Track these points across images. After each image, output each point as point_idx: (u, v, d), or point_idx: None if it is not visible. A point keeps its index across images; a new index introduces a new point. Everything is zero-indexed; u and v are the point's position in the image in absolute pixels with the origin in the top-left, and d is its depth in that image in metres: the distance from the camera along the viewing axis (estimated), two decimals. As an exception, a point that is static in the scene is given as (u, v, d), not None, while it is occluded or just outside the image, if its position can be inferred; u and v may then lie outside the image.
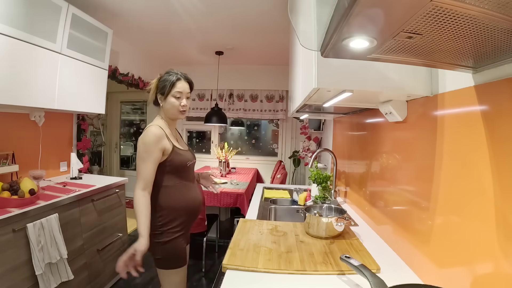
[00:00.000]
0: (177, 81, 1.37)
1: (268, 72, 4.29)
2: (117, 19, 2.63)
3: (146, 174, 1.28)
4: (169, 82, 1.37)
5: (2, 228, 1.39)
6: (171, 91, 1.36)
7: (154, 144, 1.28)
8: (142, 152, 1.29)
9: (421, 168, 1.03)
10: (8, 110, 1.99)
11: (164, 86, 1.37)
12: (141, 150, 1.29)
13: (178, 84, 1.38)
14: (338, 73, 0.97)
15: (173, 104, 1.38)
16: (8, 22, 1.59)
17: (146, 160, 1.28)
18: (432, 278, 0.92)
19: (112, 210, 2.27)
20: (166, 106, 1.39)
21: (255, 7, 2.33)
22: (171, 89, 1.36)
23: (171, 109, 1.39)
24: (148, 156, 1.28)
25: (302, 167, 4.23)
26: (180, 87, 1.38)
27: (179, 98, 1.38)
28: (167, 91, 1.36)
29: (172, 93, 1.37)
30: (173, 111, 1.39)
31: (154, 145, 1.29)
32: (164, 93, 1.37)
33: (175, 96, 1.37)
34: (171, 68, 1.46)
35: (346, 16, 0.46)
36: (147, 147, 1.28)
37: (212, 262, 2.87)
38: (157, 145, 1.29)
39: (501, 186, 0.66)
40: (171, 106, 1.38)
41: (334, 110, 2.03)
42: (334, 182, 2.06)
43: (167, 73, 1.41)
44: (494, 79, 0.69)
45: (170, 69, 1.43)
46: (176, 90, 1.37)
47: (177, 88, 1.37)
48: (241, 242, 1.22)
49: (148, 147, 1.28)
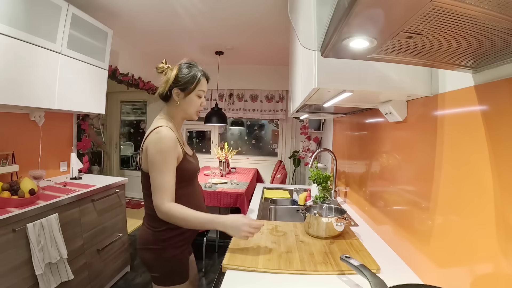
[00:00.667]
0: (202, 78, 1.21)
1: (268, 72, 4.29)
2: (117, 19, 2.63)
3: (169, 186, 1.08)
4: (195, 78, 1.18)
5: (2, 228, 1.39)
6: (196, 88, 1.19)
7: (172, 152, 1.10)
8: (159, 163, 1.08)
9: (421, 168, 1.03)
10: (8, 110, 1.99)
11: (187, 81, 1.17)
12: (158, 160, 1.08)
13: (203, 81, 1.22)
14: (338, 73, 0.97)
15: (195, 103, 1.21)
16: (8, 22, 1.59)
17: (165, 172, 1.08)
18: (432, 278, 0.92)
19: (112, 210, 2.27)
20: (185, 105, 1.20)
21: (255, 7, 2.33)
22: (196, 86, 1.19)
23: (189, 109, 1.22)
24: (167, 166, 1.09)
25: (302, 167, 4.23)
26: (205, 85, 1.23)
27: (201, 98, 1.23)
28: (192, 88, 1.18)
29: (196, 91, 1.19)
30: (192, 111, 1.23)
31: (172, 152, 1.10)
32: (185, 89, 1.18)
33: (198, 95, 1.21)
34: (189, 58, 1.25)
35: (346, 16, 0.46)
36: (164, 156, 1.08)
37: (212, 262, 2.87)
38: (175, 153, 1.12)
39: (501, 186, 0.66)
40: (192, 105, 1.21)
41: (334, 110, 2.03)
42: (334, 182, 2.06)
43: (189, 65, 1.21)
44: (494, 79, 0.69)
45: (189, 60, 1.23)
46: (201, 88, 1.21)
47: (202, 86, 1.21)
48: (241, 242, 1.22)
49: (166, 155, 1.09)
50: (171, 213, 1.07)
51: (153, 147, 1.09)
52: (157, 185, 1.08)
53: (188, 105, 1.21)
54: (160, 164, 1.08)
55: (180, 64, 1.21)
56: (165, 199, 1.07)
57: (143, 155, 1.15)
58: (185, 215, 1.08)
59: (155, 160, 1.08)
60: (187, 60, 1.22)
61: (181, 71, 1.18)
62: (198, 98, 1.21)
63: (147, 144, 1.12)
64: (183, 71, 1.18)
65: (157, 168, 1.08)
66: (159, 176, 1.08)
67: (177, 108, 1.22)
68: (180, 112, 1.23)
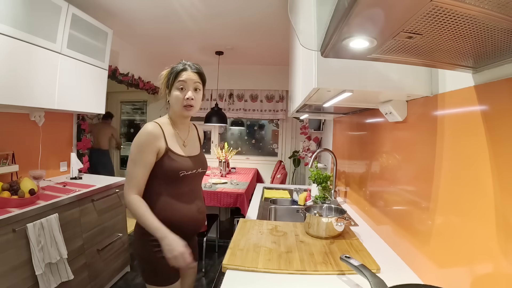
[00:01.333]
0: (182, 71, 1.18)
1: (268, 72, 4.29)
2: (117, 19, 2.63)
3: (138, 179, 1.13)
4: (172, 73, 1.19)
5: (2, 228, 1.39)
6: (174, 82, 1.18)
7: (147, 145, 1.13)
8: (133, 153, 1.14)
9: (421, 168, 1.03)
10: (8, 110, 1.99)
11: (168, 79, 1.21)
12: (133, 151, 1.14)
13: (183, 73, 1.18)
14: (338, 73, 0.97)
15: (177, 97, 1.18)
16: (8, 22, 1.59)
17: (137, 163, 1.13)
18: (432, 278, 0.92)
19: (112, 210, 2.27)
20: (171, 102, 1.21)
21: (255, 7, 2.33)
22: (174, 80, 1.18)
23: (175, 105, 1.19)
24: (139, 158, 1.13)
25: (302, 167, 4.23)
26: (185, 76, 1.17)
27: (183, 90, 1.18)
28: (171, 83, 1.19)
29: (175, 84, 1.18)
30: (177, 106, 1.19)
31: (147, 146, 1.13)
32: (168, 87, 1.21)
33: (178, 88, 1.18)
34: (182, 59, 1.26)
35: (346, 16, 0.46)
36: (139, 148, 1.13)
37: (212, 262, 2.87)
38: (150, 146, 1.13)
39: (501, 186, 0.66)
40: (176, 100, 1.18)
41: (334, 110, 2.03)
42: (334, 182, 2.06)
43: (173, 67, 1.22)
44: (494, 79, 0.69)
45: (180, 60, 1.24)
46: (180, 79, 1.17)
47: (180, 78, 1.17)
48: (241, 242, 1.22)
49: (140, 147, 1.13)
50: (130, 205, 1.13)
51: (134, 140, 1.16)
52: (128, 175, 1.15)
53: (173, 102, 1.20)
54: (134, 155, 1.14)
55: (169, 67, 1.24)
56: (130, 191, 1.13)
57: None
58: (138, 213, 1.11)
59: (131, 151, 1.15)
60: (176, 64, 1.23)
61: (168, 73, 1.22)
62: (180, 92, 1.18)
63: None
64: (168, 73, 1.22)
65: (131, 159, 1.14)
66: (131, 167, 1.14)
67: (170, 107, 1.24)
68: (171, 110, 1.25)
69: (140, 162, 1.13)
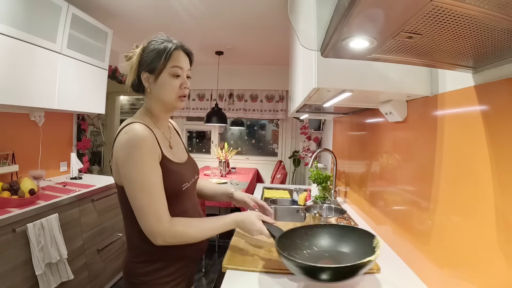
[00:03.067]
0: (175, 51, 0.90)
1: (268, 72, 4.29)
2: (117, 19, 2.63)
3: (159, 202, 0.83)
4: (164, 51, 0.89)
5: (2, 228, 1.39)
6: (167, 65, 0.89)
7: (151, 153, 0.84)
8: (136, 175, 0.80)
9: (421, 168, 1.03)
10: (8, 110, 1.99)
11: (154, 58, 0.89)
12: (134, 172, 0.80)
13: (176, 55, 0.91)
14: (338, 73, 0.97)
15: (171, 85, 0.90)
16: (8, 22, 1.59)
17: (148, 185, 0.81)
18: (432, 278, 0.92)
19: (112, 210, 2.27)
20: (157, 90, 0.91)
21: (255, 7, 2.33)
22: (166, 62, 0.89)
23: (165, 94, 0.91)
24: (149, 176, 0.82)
25: (302, 167, 4.23)
26: (179, 59, 0.91)
27: (178, 78, 0.91)
28: (161, 66, 0.88)
29: (168, 68, 0.89)
30: (169, 96, 0.91)
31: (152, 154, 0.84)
32: (154, 69, 0.89)
33: (173, 74, 0.90)
34: (160, 33, 0.95)
35: (346, 16, 0.46)
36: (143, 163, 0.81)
37: (212, 262, 2.87)
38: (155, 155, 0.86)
39: (501, 186, 0.66)
40: (167, 88, 0.90)
41: (334, 110, 2.03)
42: (334, 182, 2.06)
43: (154, 40, 0.92)
44: (494, 79, 0.69)
45: (157, 34, 0.94)
46: (176, 64, 0.90)
47: (177, 62, 0.90)
48: (241, 242, 1.22)
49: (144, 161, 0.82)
50: (180, 236, 0.85)
51: (123, 153, 0.81)
52: (142, 206, 0.81)
53: (162, 90, 0.91)
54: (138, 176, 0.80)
55: (146, 42, 0.93)
56: (159, 221, 0.81)
57: (113, 164, 0.87)
58: (198, 228, 0.88)
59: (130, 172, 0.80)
60: (156, 36, 0.93)
61: (145, 49, 0.91)
62: (173, 78, 0.90)
63: (115, 150, 0.84)
64: (147, 48, 0.91)
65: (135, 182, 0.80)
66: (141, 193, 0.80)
67: (152, 98, 0.94)
68: (156, 102, 0.94)
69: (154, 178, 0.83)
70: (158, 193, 0.83)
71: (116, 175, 0.88)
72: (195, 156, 3.43)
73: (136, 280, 0.89)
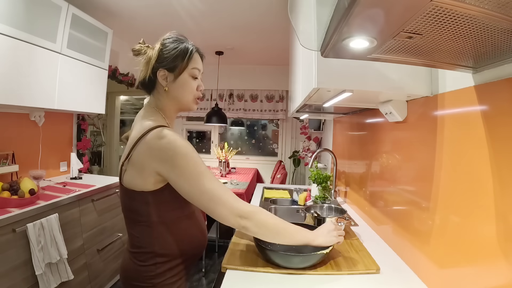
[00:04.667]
0: (195, 54, 0.92)
1: (268, 72, 4.29)
2: (117, 19, 2.63)
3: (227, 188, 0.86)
4: (187, 51, 0.89)
5: (2, 228, 1.39)
6: (189, 65, 0.89)
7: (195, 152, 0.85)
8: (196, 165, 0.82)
9: (421, 168, 1.03)
10: (8, 110, 1.99)
11: (176, 56, 0.88)
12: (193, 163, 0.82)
13: (196, 56, 0.92)
14: (338, 73, 0.97)
15: (190, 86, 0.91)
16: (8, 22, 1.59)
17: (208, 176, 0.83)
18: (432, 278, 0.92)
19: (112, 210, 2.27)
20: (176, 90, 0.90)
21: (255, 7, 2.33)
22: (188, 62, 0.89)
23: (184, 94, 0.91)
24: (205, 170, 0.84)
25: (302, 167, 4.23)
26: (199, 62, 0.93)
27: (196, 80, 0.92)
28: (184, 65, 0.88)
29: (189, 69, 0.90)
30: (188, 97, 0.92)
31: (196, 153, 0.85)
32: (174, 68, 0.88)
33: (192, 75, 0.91)
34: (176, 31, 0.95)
35: (346, 16, 0.46)
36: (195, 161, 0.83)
37: (212, 262, 2.87)
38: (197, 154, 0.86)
39: (501, 186, 0.66)
40: (187, 89, 0.91)
41: (334, 110, 2.03)
42: (334, 182, 2.06)
43: (177, 38, 0.91)
44: (494, 79, 0.69)
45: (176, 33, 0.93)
46: (195, 66, 0.91)
47: (196, 63, 0.91)
48: (241, 242, 1.22)
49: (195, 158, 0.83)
50: (262, 215, 0.88)
51: (171, 154, 0.80)
52: (214, 191, 0.82)
53: (181, 90, 0.90)
54: (194, 168, 0.82)
55: (164, 38, 0.92)
56: (238, 201, 0.85)
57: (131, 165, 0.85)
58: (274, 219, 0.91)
59: (186, 167, 0.81)
60: (173, 33, 0.93)
61: (165, 46, 0.89)
62: (193, 79, 0.91)
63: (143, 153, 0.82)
64: (168, 46, 0.89)
65: (194, 174, 0.82)
66: (207, 180, 0.82)
67: (167, 97, 0.92)
68: (171, 101, 0.92)
69: (206, 168, 0.85)
70: (218, 182, 0.86)
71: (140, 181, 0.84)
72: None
73: (146, 284, 0.88)
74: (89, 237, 2.00)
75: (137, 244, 0.90)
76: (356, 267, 1.03)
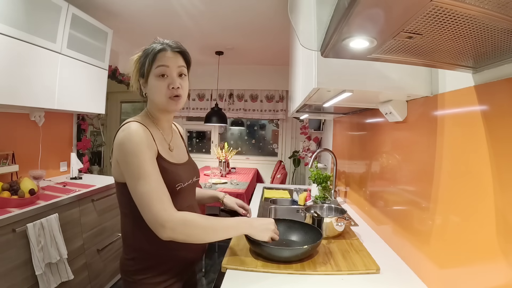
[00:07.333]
0: (159, 53, 0.90)
1: (268, 72, 4.29)
2: (117, 19, 2.63)
3: (162, 192, 0.83)
4: (148, 55, 0.90)
5: (2, 228, 1.39)
6: (152, 67, 0.90)
7: (147, 149, 0.85)
8: (136, 167, 0.82)
9: (421, 168, 1.03)
10: (8, 110, 1.99)
11: (143, 63, 0.91)
12: (133, 164, 0.82)
13: (163, 55, 0.90)
14: (338, 73, 0.97)
15: (157, 87, 0.90)
16: (8, 22, 1.59)
17: (148, 176, 0.82)
18: (432, 278, 0.92)
19: (112, 210, 2.27)
20: (150, 95, 0.93)
21: (255, 7, 2.33)
22: (151, 64, 0.89)
23: (155, 96, 0.92)
24: (147, 169, 0.82)
25: (302, 167, 4.23)
26: (165, 58, 0.90)
27: (164, 77, 0.90)
28: (147, 70, 0.90)
29: (153, 70, 0.90)
30: (158, 98, 0.91)
31: (148, 150, 0.85)
32: (143, 74, 0.91)
33: (158, 74, 0.90)
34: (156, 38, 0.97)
35: (346, 16, 0.46)
36: (140, 157, 0.82)
37: (212, 262, 2.86)
38: (152, 151, 0.87)
39: (501, 186, 0.66)
40: (156, 90, 0.90)
41: (334, 110, 2.03)
42: (334, 182, 2.06)
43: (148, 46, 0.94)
44: (494, 79, 0.69)
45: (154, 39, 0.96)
46: (159, 64, 0.89)
47: (160, 61, 0.89)
48: (241, 242, 1.22)
49: (142, 155, 0.83)
50: (187, 222, 0.83)
51: (122, 149, 0.83)
52: (143, 196, 0.80)
53: (152, 93, 0.92)
54: (136, 165, 0.82)
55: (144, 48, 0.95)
56: (165, 208, 0.81)
57: (113, 161, 0.90)
58: (203, 223, 0.86)
59: (129, 164, 0.82)
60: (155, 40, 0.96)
61: (141, 56, 0.94)
62: (160, 79, 0.90)
63: (114, 147, 0.87)
64: (142, 55, 0.93)
65: (134, 172, 0.82)
66: (143, 180, 0.81)
67: (149, 101, 0.97)
68: (151, 104, 0.97)
69: (153, 171, 0.84)
70: (159, 182, 0.84)
71: (115, 171, 0.91)
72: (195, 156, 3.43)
73: (129, 279, 0.92)
74: (89, 237, 2.00)
75: (123, 236, 0.96)
76: (356, 267, 1.03)
